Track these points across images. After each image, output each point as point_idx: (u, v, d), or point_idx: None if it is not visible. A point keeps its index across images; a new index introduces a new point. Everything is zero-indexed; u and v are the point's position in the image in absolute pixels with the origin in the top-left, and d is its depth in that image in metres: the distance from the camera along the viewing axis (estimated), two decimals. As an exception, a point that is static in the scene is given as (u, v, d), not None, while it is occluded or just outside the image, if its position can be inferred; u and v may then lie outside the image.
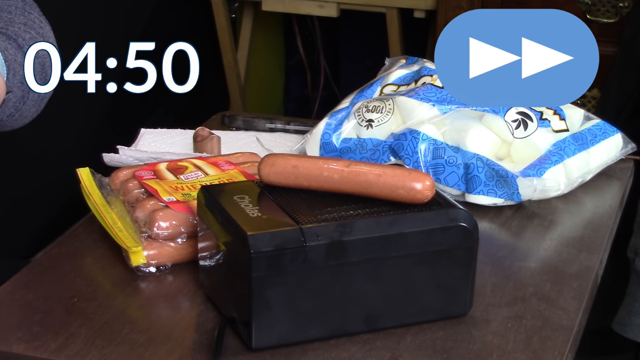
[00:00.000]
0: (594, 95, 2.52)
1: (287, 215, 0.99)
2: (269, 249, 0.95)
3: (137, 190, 1.18)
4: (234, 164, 1.23)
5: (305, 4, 2.65)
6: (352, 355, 0.99)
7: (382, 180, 1.01)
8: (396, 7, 2.60)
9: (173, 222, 1.12)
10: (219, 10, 2.72)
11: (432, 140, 1.28)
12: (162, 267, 1.12)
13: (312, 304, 0.98)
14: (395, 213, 1.00)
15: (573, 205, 1.31)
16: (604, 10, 2.44)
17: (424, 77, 1.38)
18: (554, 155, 1.31)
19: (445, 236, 1.01)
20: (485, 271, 1.13)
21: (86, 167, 1.20)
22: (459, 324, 1.04)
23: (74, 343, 1.00)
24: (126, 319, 1.04)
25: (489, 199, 1.27)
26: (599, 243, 1.21)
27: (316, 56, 3.08)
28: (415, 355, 0.99)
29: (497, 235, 1.24)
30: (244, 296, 0.97)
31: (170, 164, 1.22)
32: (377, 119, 1.33)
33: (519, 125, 1.31)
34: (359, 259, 0.98)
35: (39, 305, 1.06)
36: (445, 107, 1.32)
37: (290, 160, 1.04)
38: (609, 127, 1.38)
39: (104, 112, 2.32)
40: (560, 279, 1.13)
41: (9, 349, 0.99)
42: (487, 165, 1.27)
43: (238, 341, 1.00)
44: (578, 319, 1.06)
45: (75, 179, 1.22)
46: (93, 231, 1.19)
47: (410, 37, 2.73)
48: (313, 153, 1.35)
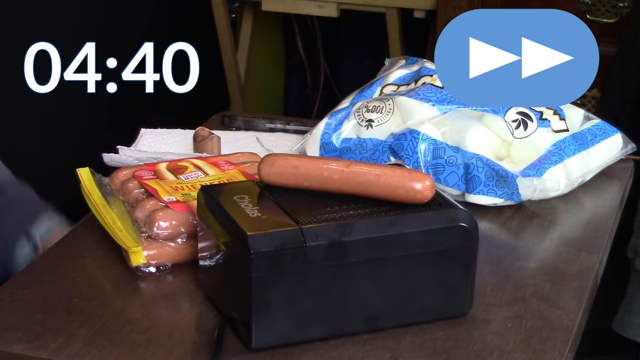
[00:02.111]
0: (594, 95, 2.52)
1: (287, 215, 0.99)
2: (269, 249, 0.95)
3: (137, 190, 1.18)
4: (234, 164, 1.23)
5: (305, 4, 2.65)
6: (352, 355, 0.99)
7: (382, 181, 1.01)
8: (396, 7, 2.60)
9: (173, 222, 1.12)
10: (219, 10, 2.72)
11: (432, 140, 1.28)
12: (162, 267, 1.12)
13: (312, 304, 0.98)
14: (395, 213, 1.00)
15: (573, 205, 1.31)
16: (604, 10, 2.44)
17: (424, 77, 1.38)
18: (554, 155, 1.31)
19: (445, 236, 1.01)
20: (485, 271, 1.12)
21: (86, 167, 1.20)
22: (459, 324, 1.04)
23: (74, 343, 1.00)
24: (126, 319, 1.04)
25: (489, 199, 1.27)
26: (599, 243, 1.21)
27: (316, 56, 3.08)
28: (415, 355, 0.99)
29: (497, 235, 1.24)
30: (244, 296, 0.97)
31: (170, 164, 1.22)
32: (377, 119, 1.33)
33: (519, 125, 1.31)
34: (359, 259, 0.98)
35: (39, 305, 1.06)
36: (445, 107, 1.32)
37: (290, 161, 1.04)
38: (609, 127, 1.38)
39: (104, 112, 2.32)
40: (560, 279, 1.13)
41: (9, 349, 0.99)
42: (487, 165, 1.27)
43: (238, 341, 1.00)
44: (578, 319, 1.06)
45: (75, 179, 1.22)
46: (93, 231, 1.19)
47: (410, 37, 2.73)
48: (313, 153, 1.34)
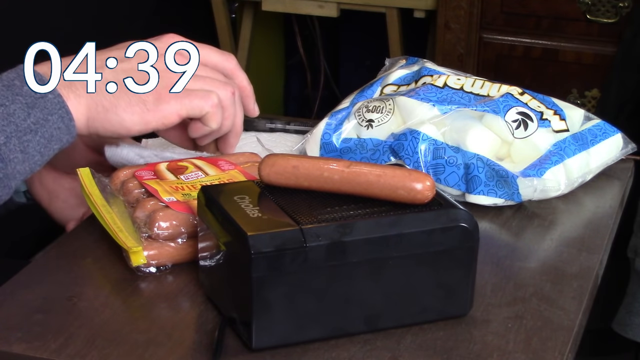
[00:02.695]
0: (594, 95, 2.52)
1: (287, 215, 0.99)
2: (269, 250, 0.95)
3: (137, 190, 1.18)
4: (234, 164, 1.23)
5: (305, 4, 2.66)
6: (352, 355, 0.99)
7: (383, 181, 1.01)
8: (396, 7, 2.60)
9: (173, 222, 1.12)
10: (219, 10, 2.72)
11: (432, 141, 1.28)
12: (162, 267, 1.12)
13: (312, 304, 0.98)
14: (395, 213, 1.00)
15: (573, 205, 1.31)
16: (604, 10, 2.45)
17: (424, 77, 1.38)
18: (554, 156, 1.31)
19: (445, 236, 1.01)
20: (485, 271, 1.12)
21: (86, 167, 1.20)
22: (459, 324, 1.04)
23: (74, 343, 1.00)
24: (126, 319, 1.04)
25: (489, 199, 1.27)
26: (599, 243, 1.21)
27: (316, 56, 3.08)
28: (415, 355, 0.99)
29: (497, 235, 1.24)
30: (244, 296, 0.97)
31: (170, 164, 1.22)
32: (377, 119, 1.33)
33: (519, 126, 1.31)
34: (359, 259, 0.98)
35: (39, 305, 1.06)
36: (445, 107, 1.32)
37: (291, 161, 1.04)
38: (609, 127, 1.38)
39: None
40: (560, 279, 1.13)
41: (9, 349, 0.99)
42: (488, 165, 1.27)
43: (238, 341, 1.00)
44: (578, 319, 1.06)
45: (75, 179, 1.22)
46: (93, 231, 1.19)
47: (410, 37, 2.74)
48: (313, 153, 1.35)
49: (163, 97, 1.17)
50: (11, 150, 1.09)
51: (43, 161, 1.13)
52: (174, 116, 1.18)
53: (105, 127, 1.16)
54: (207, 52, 1.24)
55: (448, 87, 1.35)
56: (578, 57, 2.52)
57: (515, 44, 2.56)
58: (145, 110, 1.16)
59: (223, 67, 1.26)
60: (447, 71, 1.40)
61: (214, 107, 1.20)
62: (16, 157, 1.09)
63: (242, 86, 1.28)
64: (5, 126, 1.09)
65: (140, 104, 1.16)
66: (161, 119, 1.18)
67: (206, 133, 1.23)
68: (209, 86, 1.21)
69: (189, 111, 1.19)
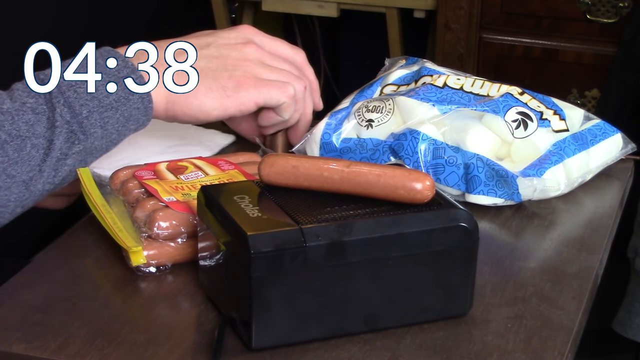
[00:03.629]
0: (594, 95, 2.52)
1: (287, 215, 0.99)
2: (269, 249, 0.95)
3: (137, 190, 1.18)
4: (234, 164, 1.23)
5: (305, 4, 2.66)
6: (352, 355, 0.99)
7: (382, 181, 1.01)
8: (396, 7, 2.60)
9: (173, 222, 1.12)
10: (219, 10, 2.72)
11: (432, 140, 1.28)
12: (162, 267, 1.12)
13: (312, 304, 0.98)
14: (395, 213, 1.00)
15: (573, 205, 1.31)
16: (604, 10, 2.45)
17: (424, 77, 1.38)
18: (554, 155, 1.31)
19: (445, 236, 1.01)
20: (485, 271, 1.13)
21: (86, 167, 1.20)
22: (459, 324, 1.04)
23: (74, 343, 1.00)
24: (126, 319, 1.04)
25: (489, 199, 1.27)
26: (599, 243, 1.21)
27: (316, 56, 3.08)
28: (415, 355, 0.99)
29: (497, 235, 1.24)
30: (244, 296, 0.97)
31: (170, 164, 1.22)
32: (377, 119, 1.33)
33: (519, 125, 1.31)
34: (359, 259, 0.98)
35: (39, 305, 1.06)
36: (445, 107, 1.32)
37: (290, 161, 1.04)
38: (609, 127, 1.38)
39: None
40: (560, 279, 1.13)
41: (9, 349, 0.99)
42: (487, 165, 1.27)
43: (238, 341, 1.00)
44: (578, 319, 1.06)
45: (75, 179, 1.22)
46: (93, 231, 1.19)
47: (410, 37, 2.73)
48: (313, 153, 1.35)
49: (242, 84, 1.21)
50: (92, 124, 1.12)
51: (119, 140, 1.16)
52: (252, 103, 1.22)
53: (184, 111, 1.20)
54: (278, 44, 1.28)
55: (448, 87, 1.35)
56: (578, 57, 2.52)
57: (515, 44, 2.56)
58: (225, 96, 1.20)
59: (294, 60, 1.30)
60: (447, 71, 1.40)
61: (290, 99, 1.25)
62: (96, 132, 1.13)
63: (311, 80, 1.32)
64: (89, 100, 1.12)
65: (220, 89, 1.20)
66: (239, 105, 1.22)
67: (276, 123, 1.28)
68: (285, 78, 1.25)
69: (267, 100, 1.23)
